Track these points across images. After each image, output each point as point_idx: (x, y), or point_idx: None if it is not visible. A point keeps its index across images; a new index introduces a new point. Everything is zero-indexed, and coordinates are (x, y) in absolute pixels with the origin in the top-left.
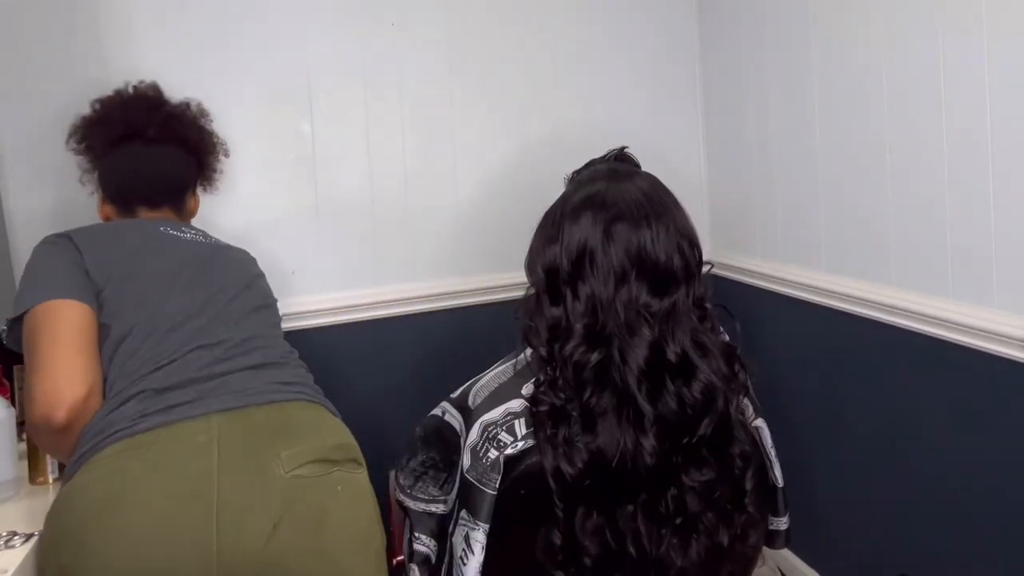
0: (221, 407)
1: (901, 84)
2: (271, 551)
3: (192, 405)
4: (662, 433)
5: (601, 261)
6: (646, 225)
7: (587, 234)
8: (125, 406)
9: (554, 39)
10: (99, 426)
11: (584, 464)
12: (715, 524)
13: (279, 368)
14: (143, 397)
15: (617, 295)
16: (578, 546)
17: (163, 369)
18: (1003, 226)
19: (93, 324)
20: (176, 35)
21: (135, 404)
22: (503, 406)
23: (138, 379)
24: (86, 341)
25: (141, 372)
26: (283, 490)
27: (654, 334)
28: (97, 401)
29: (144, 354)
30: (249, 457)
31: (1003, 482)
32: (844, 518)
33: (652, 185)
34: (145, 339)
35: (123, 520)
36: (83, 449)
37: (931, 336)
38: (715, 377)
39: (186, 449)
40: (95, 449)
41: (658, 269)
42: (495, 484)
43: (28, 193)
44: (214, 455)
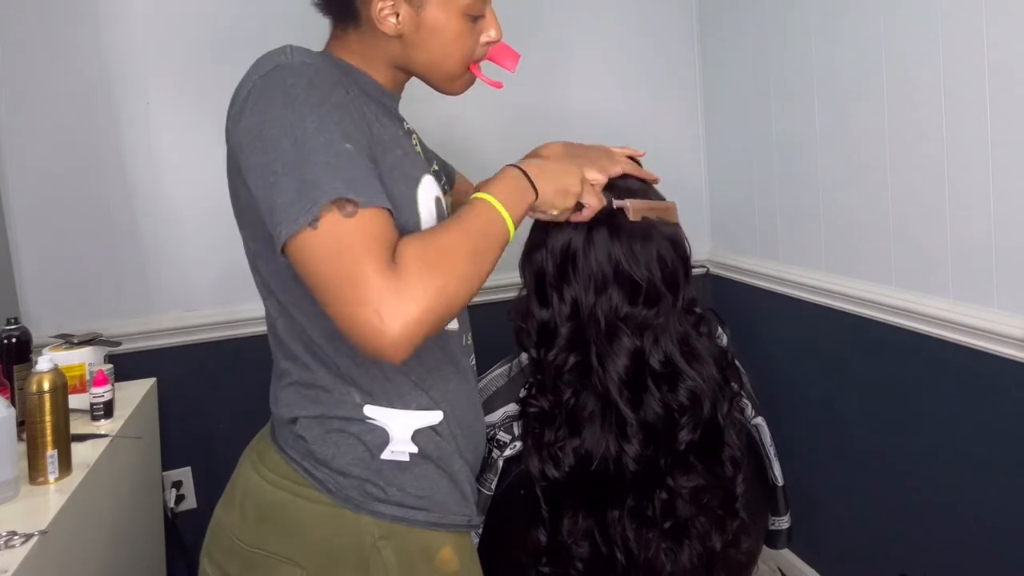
0: None
1: (901, 84)
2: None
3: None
4: (647, 439)
5: (582, 265)
6: (628, 235)
7: (571, 236)
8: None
9: (553, 39)
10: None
11: (569, 467)
12: (707, 529)
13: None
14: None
15: (598, 302)
16: (566, 548)
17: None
18: (1003, 226)
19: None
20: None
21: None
22: (501, 410)
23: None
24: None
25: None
26: None
27: (635, 343)
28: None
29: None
30: None
31: (1003, 482)
32: (844, 518)
33: (639, 191)
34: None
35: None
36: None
37: (931, 336)
38: (702, 383)
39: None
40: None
41: (636, 281)
42: (490, 485)
43: (28, 193)
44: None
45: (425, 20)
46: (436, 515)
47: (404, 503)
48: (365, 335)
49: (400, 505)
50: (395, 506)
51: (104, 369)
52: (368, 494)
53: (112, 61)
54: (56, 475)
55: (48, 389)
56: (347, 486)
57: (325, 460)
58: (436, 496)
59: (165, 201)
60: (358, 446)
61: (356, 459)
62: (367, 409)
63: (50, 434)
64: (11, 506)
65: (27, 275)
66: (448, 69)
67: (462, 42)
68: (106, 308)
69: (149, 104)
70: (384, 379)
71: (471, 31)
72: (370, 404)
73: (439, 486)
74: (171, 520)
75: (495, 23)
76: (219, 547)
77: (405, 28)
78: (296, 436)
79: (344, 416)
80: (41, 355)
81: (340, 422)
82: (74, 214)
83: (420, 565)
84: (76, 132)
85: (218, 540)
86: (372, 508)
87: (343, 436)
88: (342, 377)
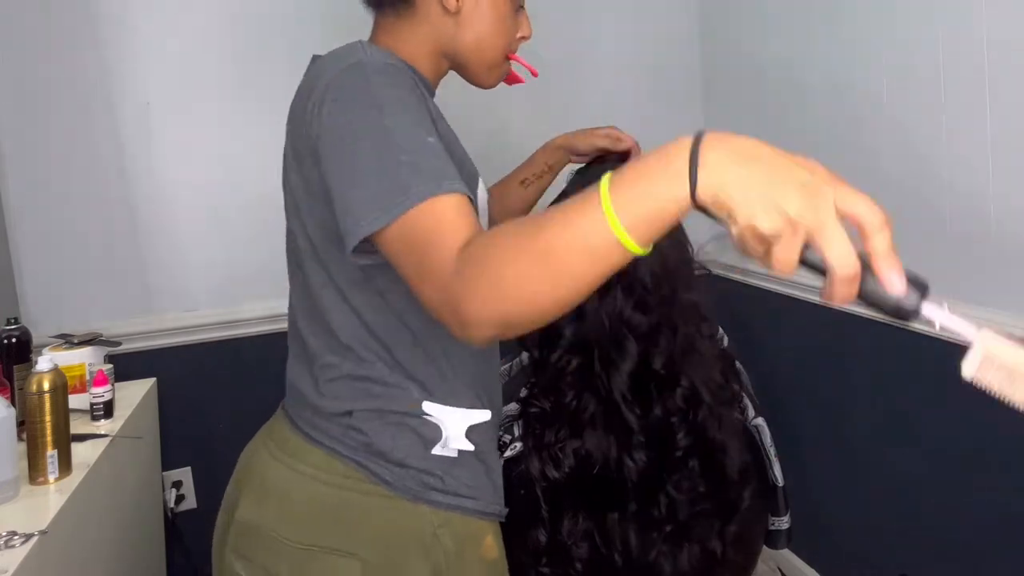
0: None
1: (901, 83)
2: None
3: None
4: (648, 442)
5: None
6: None
7: None
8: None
9: (553, 38)
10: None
11: (569, 468)
12: (707, 533)
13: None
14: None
15: (602, 305)
16: (566, 549)
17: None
18: (1003, 226)
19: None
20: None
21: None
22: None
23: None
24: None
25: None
26: None
27: (638, 346)
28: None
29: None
30: None
31: (1003, 482)
32: (844, 518)
33: None
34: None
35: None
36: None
37: (931, 336)
38: (700, 386)
39: None
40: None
41: (641, 285)
42: None
43: (28, 193)
44: None
45: (483, 1)
46: (482, 503)
47: (459, 492)
48: (445, 319)
49: (456, 495)
50: (451, 495)
51: (104, 369)
52: (425, 484)
53: (112, 61)
54: (56, 475)
55: (48, 389)
56: (405, 476)
57: (384, 452)
58: (480, 487)
59: (165, 201)
60: (416, 439)
61: (414, 451)
62: (426, 405)
63: (50, 434)
64: (11, 506)
65: (27, 275)
66: (493, 53)
67: (507, 26)
68: (106, 308)
69: (149, 104)
70: (441, 377)
71: (515, 18)
72: (428, 400)
73: (481, 478)
74: (171, 520)
75: (528, 22)
76: (259, 547)
77: (464, 5)
78: (349, 428)
79: (402, 411)
80: (41, 355)
81: (398, 416)
82: (74, 214)
83: (471, 551)
84: (76, 132)
85: (255, 540)
86: (429, 497)
87: (401, 429)
88: (402, 371)
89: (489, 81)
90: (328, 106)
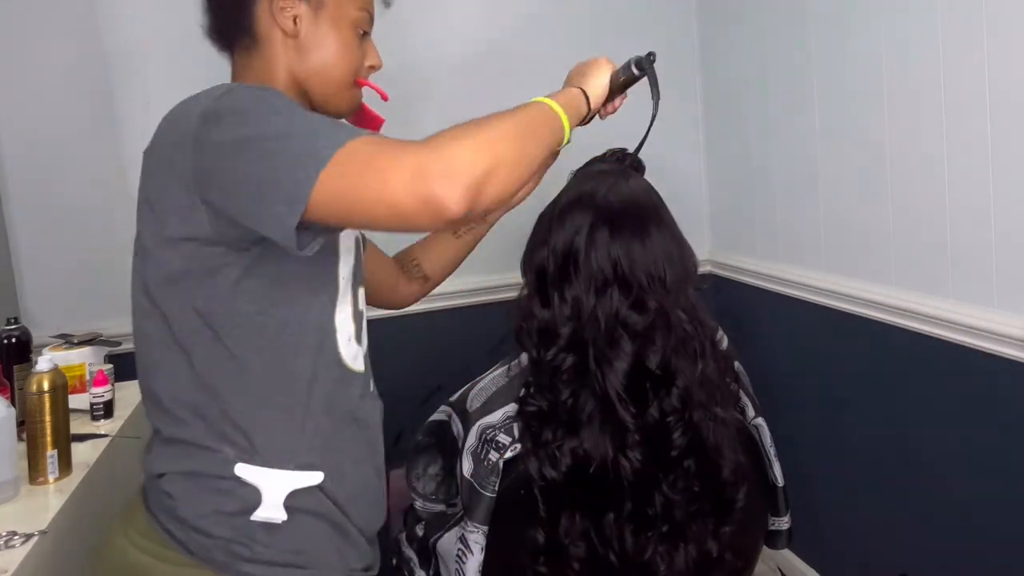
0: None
1: (901, 84)
2: None
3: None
4: (644, 442)
5: (583, 265)
6: (629, 236)
7: (572, 236)
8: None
9: (553, 40)
10: None
11: (567, 467)
12: (703, 534)
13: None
14: None
15: (598, 304)
16: (563, 549)
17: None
18: (1003, 226)
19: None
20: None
21: None
22: (501, 410)
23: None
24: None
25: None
26: None
27: (633, 346)
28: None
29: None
30: None
31: (1003, 482)
32: (844, 518)
33: (641, 192)
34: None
35: None
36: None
37: (931, 336)
38: (696, 386)
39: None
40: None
41: (636, 285)
42: (494, 487)
43: (28, 193)
44: None
45: (321, 23)
46: (313, 572)
47: (275, 561)
48: (415, 191)
49: (270, 564)
50: (263, 565)
51: (104, 369)
52: (233, 553)
53: (112, 62)
54: (56, 475)
55: (48, 389)
56: (210, 547)
57: (186, 518)
58: (315, 550)
59: None
60: (227, 504)
61: (223, 519)
62: (238, 468)
63: (50, 434)
64: (11, 506)
65: (27, 275)
66: (337, 78)
67: (351, 51)
68: (106, 308)
69: (149, 104)
70: (268, 434)
71: (359, 46)
72: (243, 463)
73: (318, 536)
74: None
75: (375, 51)
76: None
77: (302, 28)
78: (160, 492)
79: (215, 474)
80: (41, 355)
81: (210, 479)
82: (74, 214)
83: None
84: (76, 132)
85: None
86: (238, 568)
87: (212, 494)
88: (218, 432)
89: (340, 107)
90: (212, 130)
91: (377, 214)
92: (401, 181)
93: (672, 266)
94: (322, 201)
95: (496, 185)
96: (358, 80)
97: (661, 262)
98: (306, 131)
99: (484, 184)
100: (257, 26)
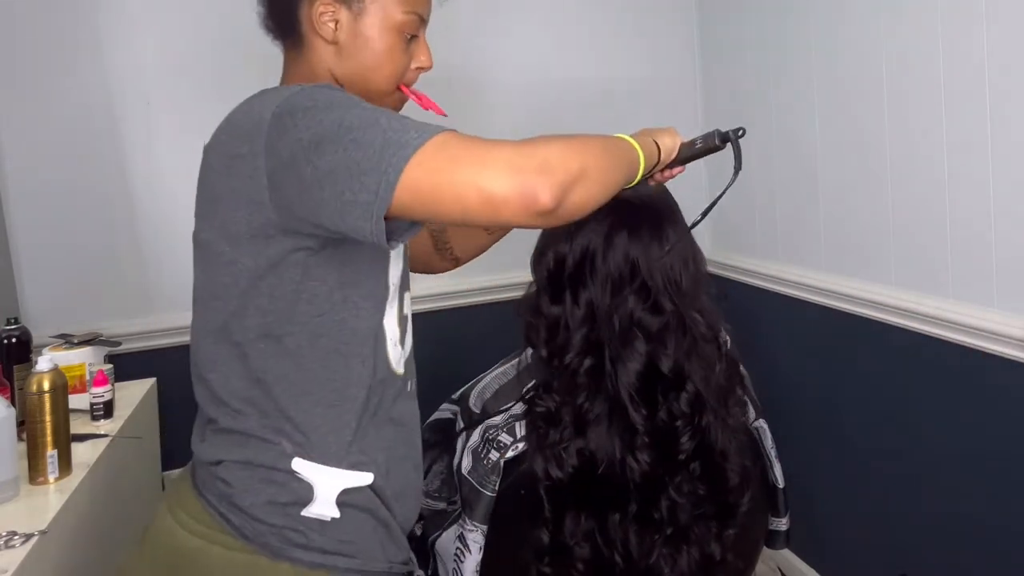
0: None
1: (901, 84)
2: None
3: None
4: (652, 444)
5: (600, 266)
6: (647, 238)
7: (591, 236)
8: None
9: (553, 40)
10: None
11: (573, 468)
12: (706, 536)
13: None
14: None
15: (613, 304)
16: (568, 549)
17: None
18: (1003, 226)
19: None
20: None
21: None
22: (504, 408)
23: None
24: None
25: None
26: None
27: (648, 347)
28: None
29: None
30: None
31: (1003, 482)
32: (844, 518)
33: (659, 196)
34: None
35: None
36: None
37: (931, 336)
38: (706, 391)
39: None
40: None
41: (652, 288)
42: (494, 486)
43: (29, 193)
44: None
45: (362, 29)
46: (359, 561)
47: (326, 548)
48: (511, 183)
49: (322, 551)
50: (316, 552)
51: (104, 369)
52: (287, 540)
53: (112, 62)
54: (56, 475)
55: (48, 389)
56: (265, 532)
57: (242, 506)
58: (362, 541)
59: (165, 201)
60: (281, 496)
61: (277, 508)
62: (295, 462)
63: (50, 434)
64: (11, 506)
65: (27, 275)
66: (378, 83)
67: (394, 57)
68: (106, 308)
69: (149, 104)
70: (321, 432)
71: (404, 50)
72: (299, 457)
73: (365, 529)
74: None
75: (427, 51)
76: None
77: (342, 34)
78: (216, 478)
79: (270, 465)
80: (41, 355)
81: (265, 470)
82: (74, 214)
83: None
84: (76, 132)
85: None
86: (290, 554)
87: (267, 484)
88: (275, 426)
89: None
90: (289, 126)
91: (468, 205)
92: (496, 172)
93: (687, 270)
94: (410, 190)
95: (583, 191)
96: (400, 86)
97: (678, 265)
98: (392, 122)
99: (574, 185)
100: (303, 27)
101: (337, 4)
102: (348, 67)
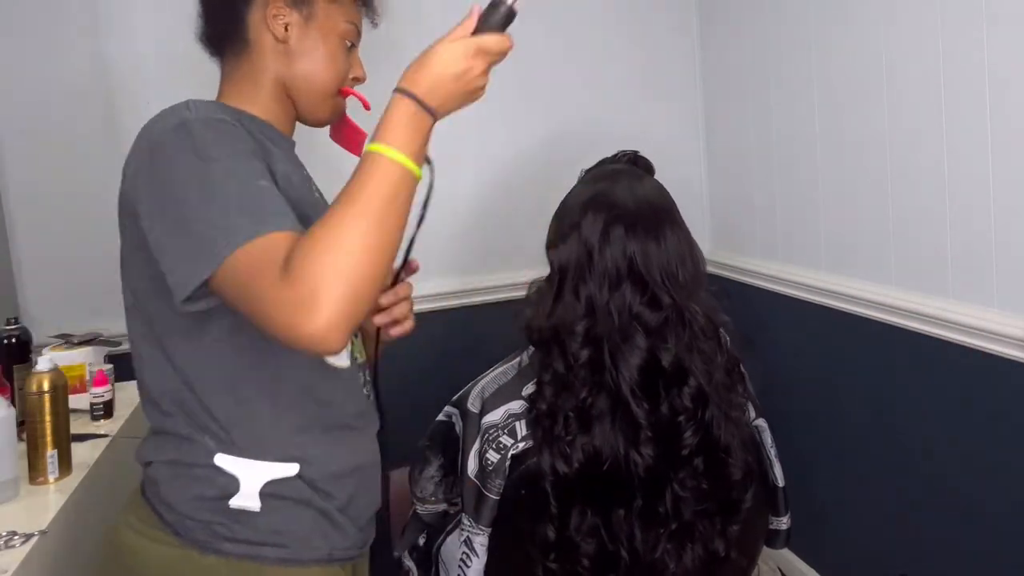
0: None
1: (901, 84)
2: None
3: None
4: (655, 439)
5: (597, 261)
6: (644, 235)
7: (588, 233)
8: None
9: (553, 40)
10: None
11: (580, 464)
12: (710, 532)
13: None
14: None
15: (612, 299)
16: (574, 545)
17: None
18: (1003, 226)
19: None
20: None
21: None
22: (503, 408)
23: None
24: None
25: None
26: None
27: (648, 342)
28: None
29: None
30: None
31: (1003, 482)
32: (844, 518)
33: (656, 194)
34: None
35: None
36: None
37: (931, 336)
38: (708, 386)
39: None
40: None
41: (650, 282)
42: (498, 489)
43: (28, 193)
44: None
45: (310, 32)
46: (290, 551)
47: (252, 540)
48: (292, 341)
49: (248, 543)
50: (243, 544)
51: (104, 369)
52: (214, 533)
53: (112, 61)
54: (56, 475)
55: (48, 389)
56: (194, 528)
57: (173, 503)
58: (296, 531)
59: None
60: (208, 491)
61: (203, 504)
62: (218, 458)
63: (50, 434)
64: (11, 506)
65: (27, 275)
66: (324, 84)
67: (337, 61)
68: (106, 308)
69: (149, 104)
70: (244, 426)
71: (346, 57)
72: (223, 453)
73: (302, 520)
74: None
75: (361, 65)
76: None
77: (292, 36)
78: (149, 479)
79: (193, 462)
80: (41, 355)
81: (190, 468)
82: (74, 214)
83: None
84: (76, 132)
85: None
86: (218, 547)
87: (192, 481)
88: (200, 424)
89: (322, 115)
90: (151, 166)
91: (258, 324)
92: (272, 308)
93: (685, 266)
94: (215, 285)
95: (364, 303)
96: (342, 89)
97: (675, 262)
98: (229, 201)
99: (340, 308)
100: (249, 32)
101: (288, 8)
102: (295, 70)
